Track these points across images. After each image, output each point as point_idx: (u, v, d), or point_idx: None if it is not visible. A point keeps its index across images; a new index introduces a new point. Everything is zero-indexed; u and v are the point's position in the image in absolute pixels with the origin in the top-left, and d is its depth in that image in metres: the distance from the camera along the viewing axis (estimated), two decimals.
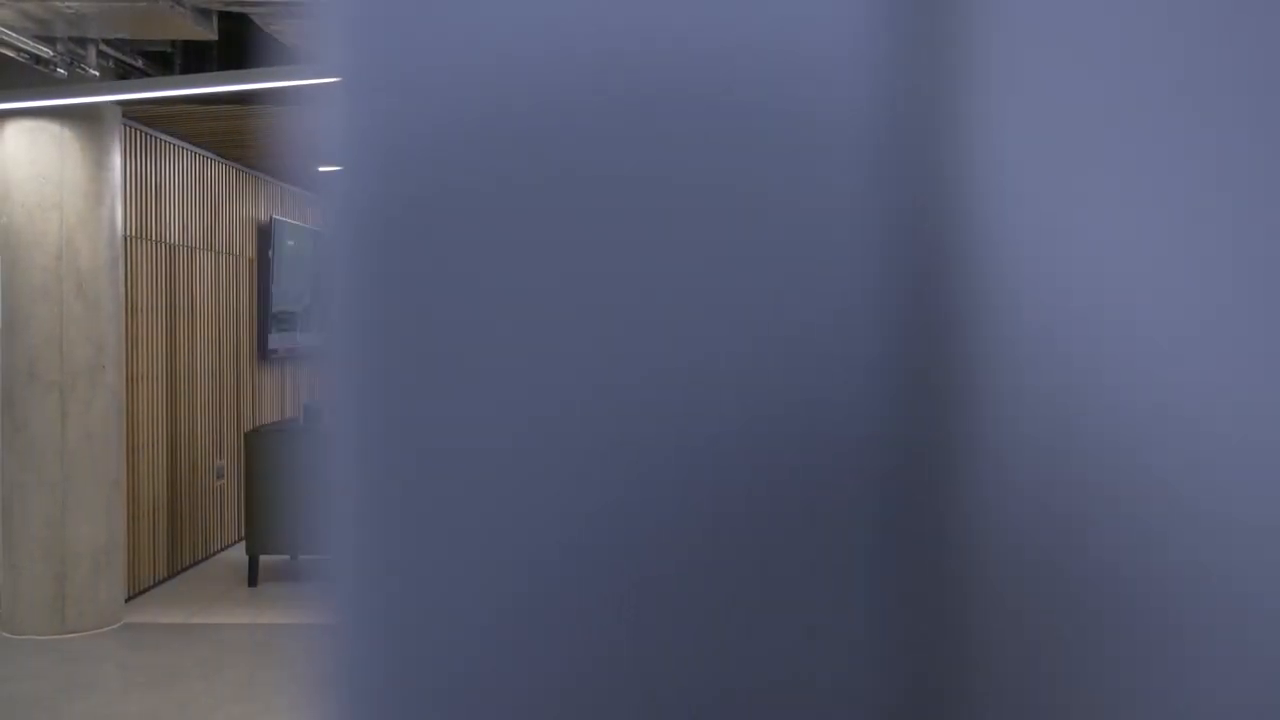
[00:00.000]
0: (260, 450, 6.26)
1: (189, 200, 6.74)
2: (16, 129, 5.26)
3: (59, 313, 5.28)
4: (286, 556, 6.87)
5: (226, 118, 5.99)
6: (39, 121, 5.25)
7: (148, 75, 5.31)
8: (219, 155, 7.15)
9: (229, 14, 4.79)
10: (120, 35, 4.69)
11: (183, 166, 6.65)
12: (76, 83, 4.94)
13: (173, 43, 5.37)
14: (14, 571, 5.33)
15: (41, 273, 5.26)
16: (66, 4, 4.24)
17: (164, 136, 6.37)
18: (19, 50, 4.52)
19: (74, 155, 5.30)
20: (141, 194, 6.12)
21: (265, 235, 7.93)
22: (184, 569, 6.69)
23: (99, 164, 5.39)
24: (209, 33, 4.66)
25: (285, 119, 6.01)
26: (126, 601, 5.72)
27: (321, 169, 0.31)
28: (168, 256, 6.45)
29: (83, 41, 4.85)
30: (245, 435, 6.40)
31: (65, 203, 5.29)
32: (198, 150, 6.84)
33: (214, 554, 7.15)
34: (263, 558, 6.42)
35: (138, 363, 6.06)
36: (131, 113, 5.77)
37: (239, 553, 7.19)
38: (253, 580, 6.33)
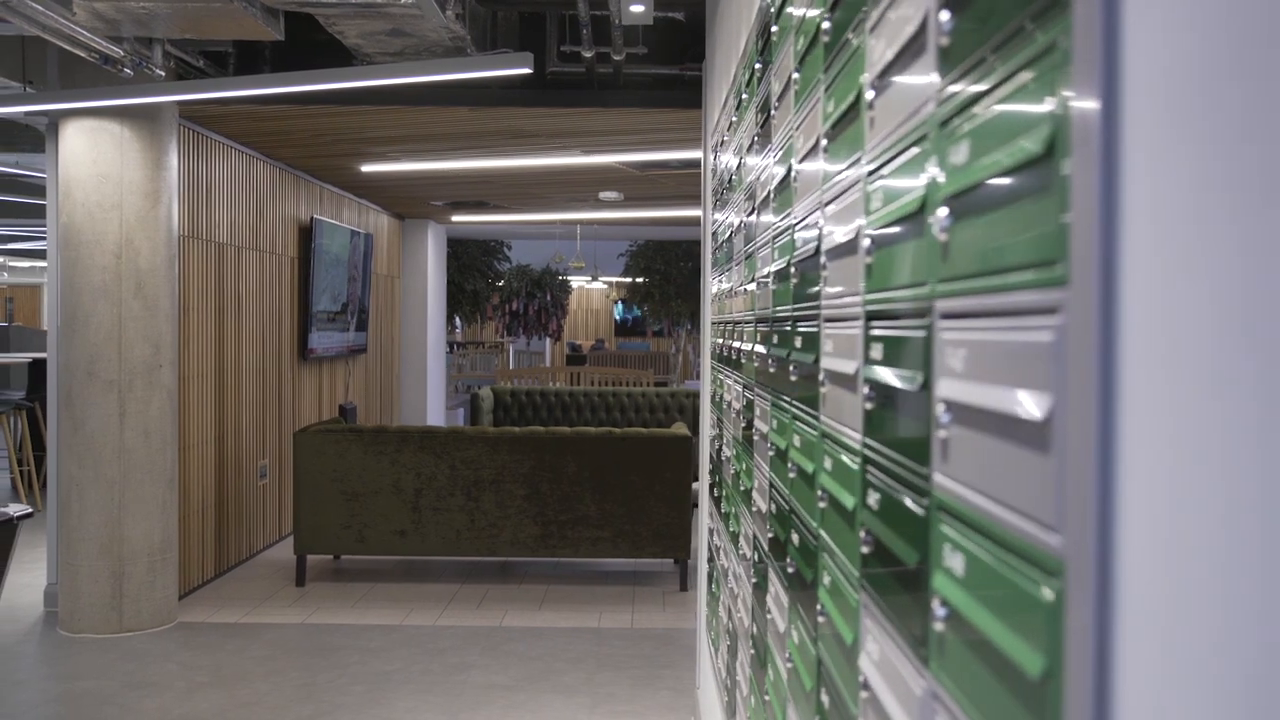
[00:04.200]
0: (308, 450, 6.26)
1: (237, 199, 6.75)
2: (78, 128, 5.27)
3: (118, 312, 5.28)
4: (330, 557, 6.88)
5: (277, 118, 6.00)
6: (100, 121, 5.26)
7: (208, 75, 5.32)
8: (264, 155, 7.16)
9: (288, 14, 4.79)
10: (189, 36, 4.69)
11: (231, 166, 6.66)
12: (140, 82, 4.94)
13: (233, 43, 5.37)
14: (71, 570, 5.33)
15: (101, 272, 5.26)
16: (140, 4, 4.24)
17: (215, 136, 6.38)
18: (90, 50, 4.52)
19: (134, 155, 5.31)
20: (194, 193, 6.13)
21: (306, 234, 7.94)
22: (230, 568, 6.70)
23: (158, 164, 5.39)
24: (276, 32, 4.67)
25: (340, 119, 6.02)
26: (179, 600, 5.73)
27: None
28: (216, 255, 6.46)
29: (149, 41, 4.86)
30: (294, 435, 6.40)
31: (125, 202, 5.29)
32: (244, 150, 6.85)
33: (257, 553, 7.15)
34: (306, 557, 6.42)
35: (189, 362, 6.07)
36: (185, 112, 5.78)
37: (280, 552, 7.21)
38: (300, 580, 6.34)
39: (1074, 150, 0.60)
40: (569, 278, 17.99)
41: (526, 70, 4.35)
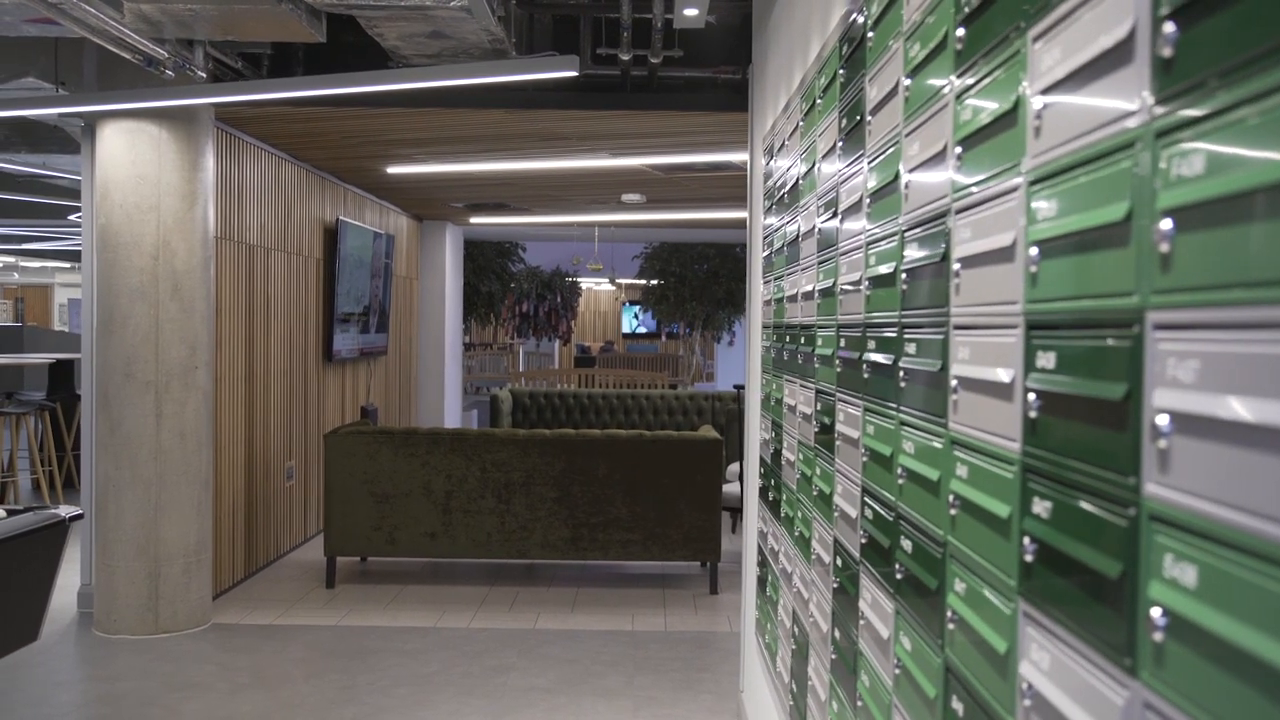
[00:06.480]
0: (339, 452, 6.26)
1: (266, 201, 6.76)
2: (115, 130, 5.28)
3: (155, 314, 5.29)
4: (357, 558, 6.88)
5: (310, 119, 6.00)
6: (138, 122, 5.27)
7: (245, 77, 5.32)
8: (292, 156, 7.17)
9: (329, 16, 4.79)
10: (230, 38, 4.69)
11: (261, 168, 6.66)
12: (179, 84, 4.95)
13: (270, 45, 5.37)
14: (108, 571, 5.33)
15: (138, 274, 5.27)
16: (185, 6, 4.24)
17: (245, 137, 6.38)
18: (135, 52, 4.52)
19: (171, 156, 5.31)
20: (226, 195, 6.13)
21: (331, 236, 7.95)
22: (259, 569, 6.70)
23: (194, 165, 5.40)
24: (318, 34, 4.67)
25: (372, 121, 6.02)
26: (212, 601, 5.72)
27: None
28: (247, 257, 6.47)
29: (190, 43, 4.86)
30: (324, 437, 6.40)
31: (162, 204, 5.30)
32: (273, 151, 6.85)
33: (284, 554, 7.16)
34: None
35: (221, 363, 6.07)
36: (218, 113, 5.78)
37: (307, 553, 7.21)
38: (330, 581, 6.34)
39: None
40: (579, 279, 17.99)
41: (571, 73, 4.36)
